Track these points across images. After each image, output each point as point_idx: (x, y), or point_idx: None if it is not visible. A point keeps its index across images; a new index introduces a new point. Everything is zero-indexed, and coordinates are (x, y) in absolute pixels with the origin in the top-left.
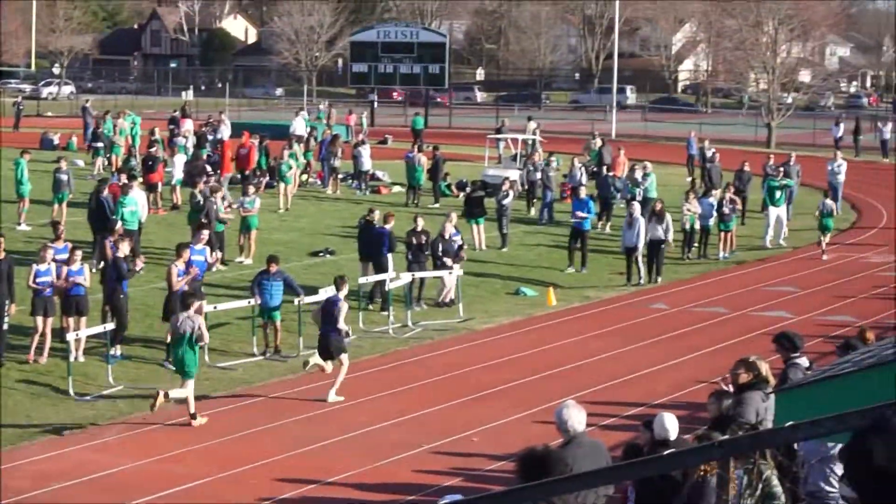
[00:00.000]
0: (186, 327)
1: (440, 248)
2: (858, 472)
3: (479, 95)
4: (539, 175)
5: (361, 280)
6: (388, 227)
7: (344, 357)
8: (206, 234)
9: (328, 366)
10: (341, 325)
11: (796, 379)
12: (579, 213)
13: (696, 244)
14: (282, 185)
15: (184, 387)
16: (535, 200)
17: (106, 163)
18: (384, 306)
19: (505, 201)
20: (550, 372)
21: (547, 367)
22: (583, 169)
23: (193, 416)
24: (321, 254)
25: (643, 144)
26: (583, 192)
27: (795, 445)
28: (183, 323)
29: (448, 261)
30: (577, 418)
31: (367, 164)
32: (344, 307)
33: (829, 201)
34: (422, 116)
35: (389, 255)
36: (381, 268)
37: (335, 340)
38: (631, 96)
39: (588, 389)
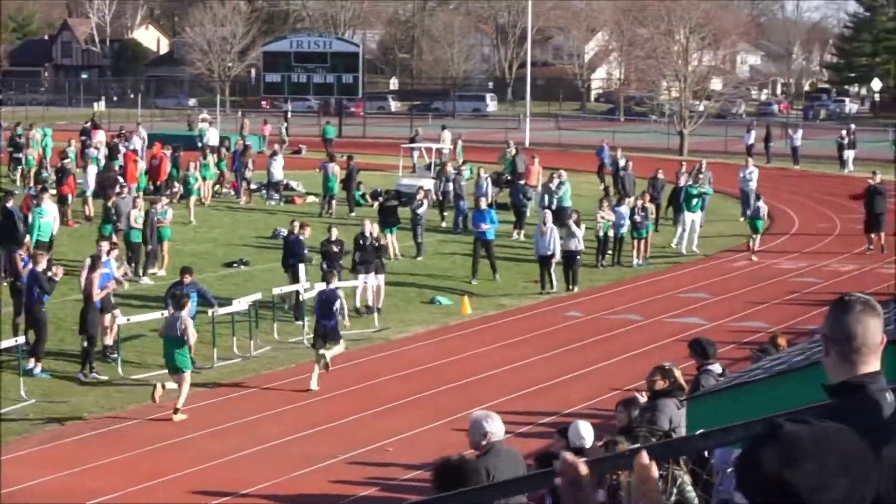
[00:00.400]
0: (177, 327)
1: (358, 256)
2: (748, 481)
3: (393, 105)
4: (451, 185)
5: (276, 291)
6: (302, 236)
7: (341, 344)
8: (106, 245)
9: (333, 350)
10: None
11: (708, 386)
12: (482, 225)
13: (609, 252)
14: (190, 198)
15: (177, 382)
16: (446, 211)
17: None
18: (298, 316)
19: (419, 210)
20: (465, 381)
21: (462, 376)
22: (488, 179)
23: (176, 411)
24: (235, 264)
25: (557, 153)
26: (483, 203)
27: (706, 453)
28: (174, 322)
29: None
30: (495, 427)
31: (277, 174)
32: (341, 296)
33: (760, 203)
34: (333, 126)
35: (301, 266)
36: (296, 278)
37: (332, 330)
38: (491, 104)
39: (503, 398)
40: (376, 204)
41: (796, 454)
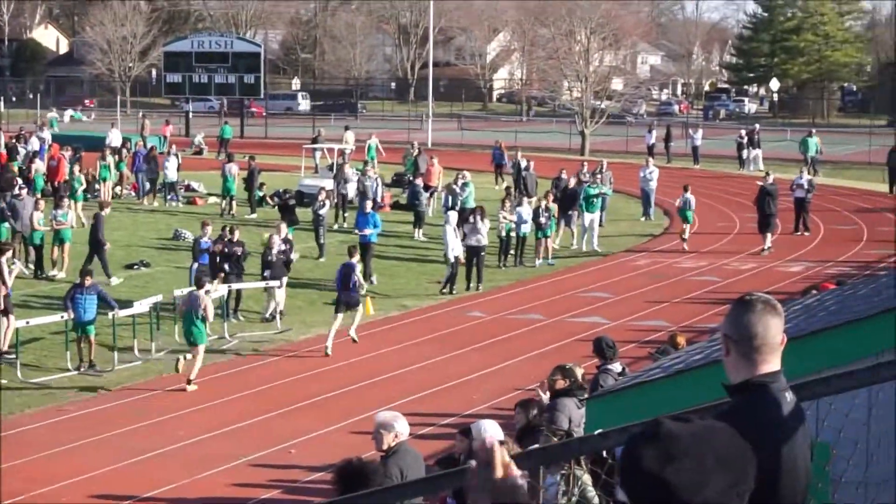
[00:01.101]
0: (199, 303)
1: (269, 273)
2: (629, 478)
3: (303, 104)
4: (349, 186)
5: (177, 292)
6: (203, 238)
7: (361, 308)
8: None
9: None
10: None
11: (608, 385)
12: (365, 230)
13: (511, 252)
14: (72, 202)
15: (193, 354)
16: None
17: None
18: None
19: (321, 211)
20: (368, 382)
21: (364, 377)
22: (378, 180)
23: (189, 382)
24: (136, 266)
25: (460, 153)
26: (368, 206)
27: (605, 453)
28: (194, 299)
29: (275, 279)
30: (401, 427)
31: (172, 174)
32: (358, 267)
33: (688, 195)
34: (230, 126)
35: (195, 266)
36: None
37: (354, 297)
38: (303, 102)
39: (405, 398)
40: (274, 204)
41: (675, 452)
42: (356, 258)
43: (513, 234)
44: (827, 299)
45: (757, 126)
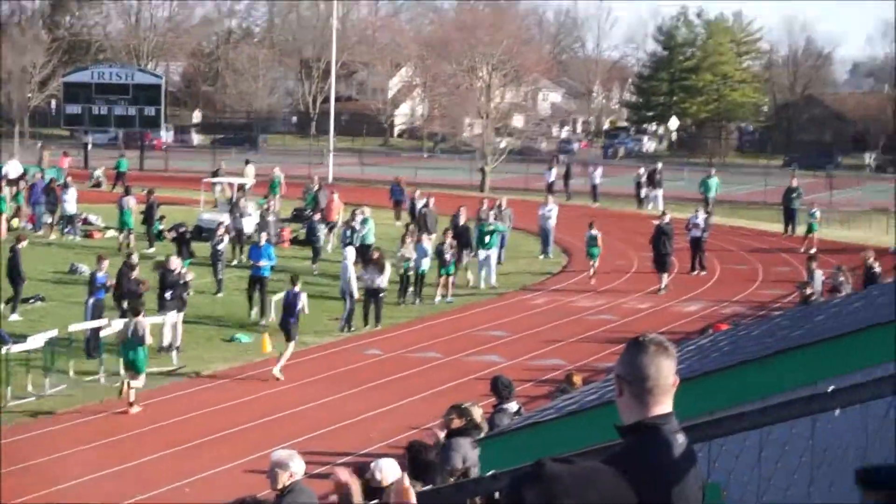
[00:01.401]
0: (139, 330)
1: (169, 294)
2: None
3: (196, 138)
4: (245, 221)
5: (72, 327)
6: (99, 272)
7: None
8: None
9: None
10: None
11: (503, 425)
12: (261, 263)
13: (411, 288)
14: None
15: (136, 380)
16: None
17: None
18: (93, 354)
19: (219, 246)
20: (265, 419)
21: (261, 415)
22: (275, 214)
23: (131, 405)
24: (32, 300)
25: (361, 188)
26: (263, 239)
27: (497, 494)
28: (134, 327)
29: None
30: (296, 466)
31: (71, 207)
32: (303, 297)
33: (594, 231)
34: (126, 158)
35: (90, 301)
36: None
37: (293, 326)
38: (196, 137)
39: (303, 437)
40: (172, 237)
41: (557, 492)
42: (298, 286)
43: (411, 272)
44: (720, 340)
45: (659, 165)
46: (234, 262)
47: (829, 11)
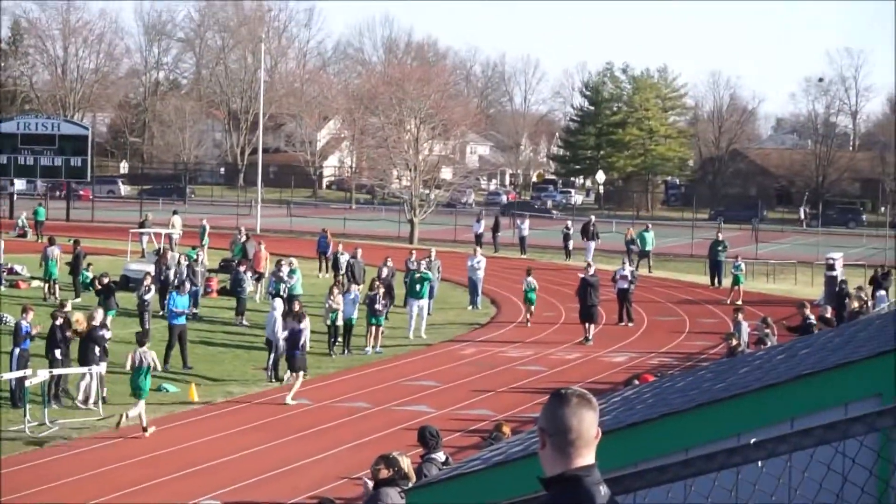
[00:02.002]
0: (147, 359)
1: (91, 342)
2: None
3: (123, 189)
4: (171, 272)
5: (4, 376)
6: (24, 322)
7: (303, 373)
8: None
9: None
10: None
11: (431, 475)
12: (176, 310)
13: (339, 339)
14: None
15: (136, 406)
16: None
17: None
18: (18, 404)
19: (146, 297)
20: (192, 469)
21: (188, 465)
22: (201, 265)
23: (145, 429)
24: None
25: (289, 239)
26: (186, 288)
27: None
28: (142, 356)
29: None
30: None
31: None
32: (306, 332)
33: (530, 278)
34: (43, 207)
35: (17, 350)
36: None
37: (299, 357)
38: (123, 188)
39: (230, 487)
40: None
41: None
42: (303, 323)
43: (339, 321)
44: (645, 392)
45: (593, 218)
46: (161, 313)
47: (753, 68)
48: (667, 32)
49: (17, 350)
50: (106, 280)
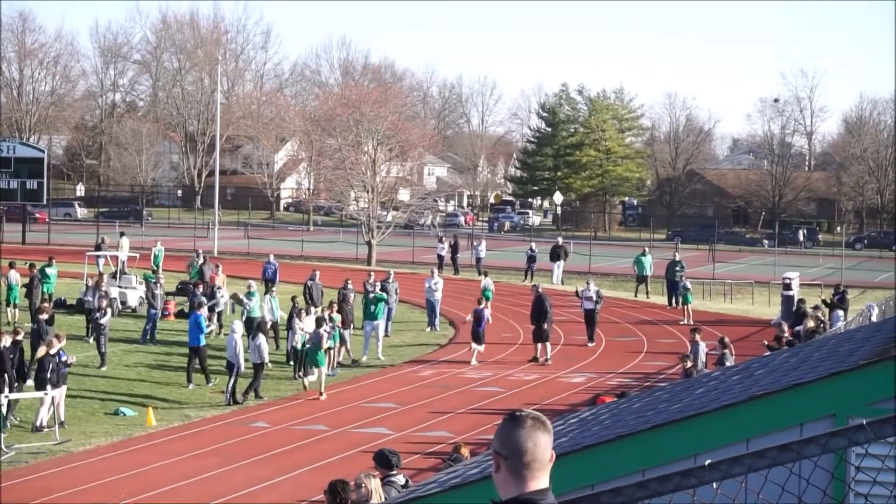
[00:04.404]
0: (323, 339)
1: (48, 367)
2: None
3: (80, 211)
4: (129, 293)
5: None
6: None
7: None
8: None
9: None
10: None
11: (390, 498)
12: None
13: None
14: None
15: (314, 374)
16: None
17: None
18: None
19: (103, 320)
20: (149, 494)
21: (146, 489)
22: (159, 287)
23: (321, 394)
24: None
25: (246, 262)
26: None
27: None
28: (320, 336)
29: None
30: None
31: None
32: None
33: (488, 279)
34: None
35: None
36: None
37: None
38: (80, 210)
39: None
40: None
41: None
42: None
43: (308, 345)
44: (602, 413)
45: (560, 239)
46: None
47: (709, 89)
48: (622, 54)
49: None
50: (44, 315)
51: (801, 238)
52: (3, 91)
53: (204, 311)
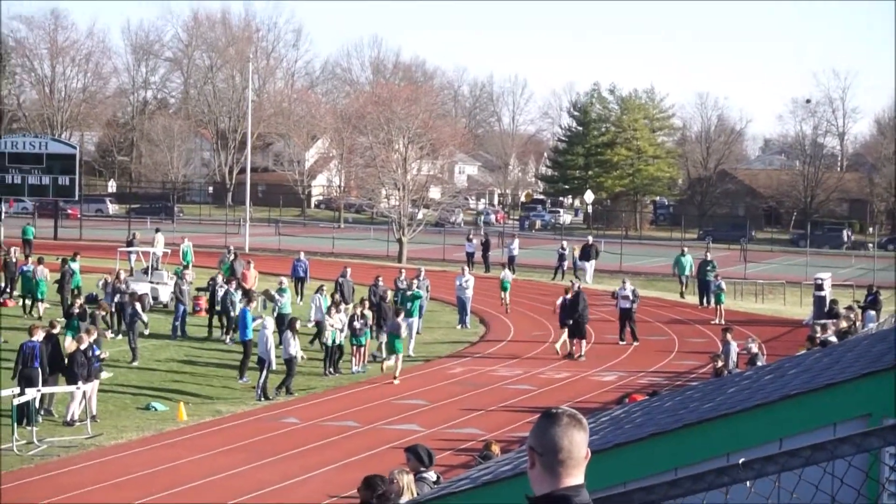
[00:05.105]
0: (398, 326)
1: (78, 362)
2: None
3: (111, 207)
4: (160, 289)
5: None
6: (36, 339)
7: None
8: None
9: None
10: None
11: (423, 494)
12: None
13: (331, 358)
14: None
15: (392, 359)
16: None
17: None
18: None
19: (129, 314)
20: (179, 489)
21: (176, 484)
22: (187, 284)
23: (395, 377)
24: None
25: (277, 258)
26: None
27: None
28: (396, 325)
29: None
30: None
31: None
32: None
33: (507, 271)
34: (32, 226)
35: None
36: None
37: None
38: (111, 207)
39: None
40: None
41: None
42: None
43: (338, 340)
44: (634, 411)
45: (591, 238)
46: (146, 332)
47: (740, 89)
48: (654, 53)
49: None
50: (76, 309)
51: (846, 238)
52: (35, 88)
53: (252, 307)
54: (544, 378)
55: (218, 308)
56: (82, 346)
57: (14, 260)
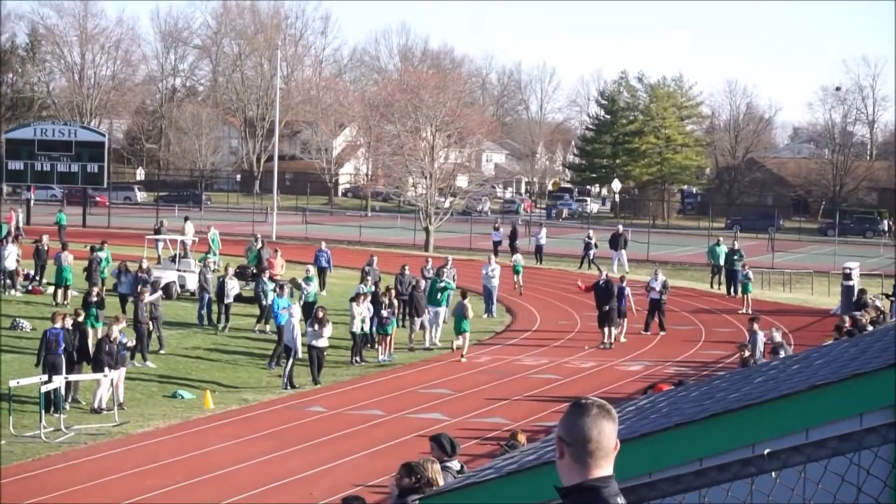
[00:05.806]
0: (463, 308)
1: (104, 350)
2: None
3: (139, 195)
4: (188, 277)
5: (13, 383)
6: (58, 327)
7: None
8: None
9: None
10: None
11: (446, 483)
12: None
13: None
14: None
15: (458, 340)
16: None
17: None
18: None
19: (146, 300)
20: (206, 476)
21: (202, 472)
22: (210, 272)
23: (462, 356)
24: None
25: (304, 247)
26: (286, 291)
27: None
28: (462, 307)
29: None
30: None
31: (10, 263)
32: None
33: (518, 255)
34: (64, 213)
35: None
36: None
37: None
38: (140, 194)
39: (244, 494)
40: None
41: None
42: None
43: (366, 328)
44: (660, 401)
45: (620, 227)
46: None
47: (769, 77)
48: (682, 41)
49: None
50: (94, 297)
51: (887, 228)
52: (64, 75)
53: (285, 294)
54: (570, 367)
55: (228, 300)
56: (112, 335)
57: (45, 248)
